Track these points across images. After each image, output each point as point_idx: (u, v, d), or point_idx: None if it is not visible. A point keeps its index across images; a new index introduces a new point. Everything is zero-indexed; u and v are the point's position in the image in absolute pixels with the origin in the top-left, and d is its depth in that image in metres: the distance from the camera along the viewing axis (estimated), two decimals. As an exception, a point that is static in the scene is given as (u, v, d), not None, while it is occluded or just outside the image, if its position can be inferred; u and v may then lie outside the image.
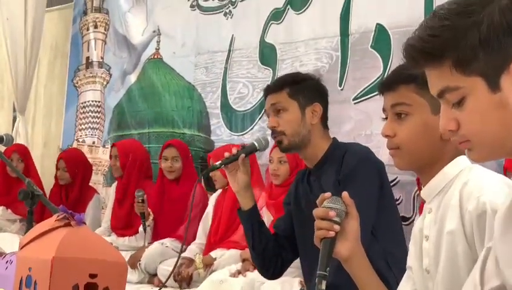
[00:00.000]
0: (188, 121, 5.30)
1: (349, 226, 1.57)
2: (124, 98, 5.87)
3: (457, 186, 1.51)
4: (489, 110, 1.10)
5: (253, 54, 4.79)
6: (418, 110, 1.59)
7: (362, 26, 4.06)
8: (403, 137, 1.59)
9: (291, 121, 2.42)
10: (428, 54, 1.14)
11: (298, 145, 2.44)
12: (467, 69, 1.10)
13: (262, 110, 4.68)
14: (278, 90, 2.47)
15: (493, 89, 1.10)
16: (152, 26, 5.62)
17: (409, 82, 1.60)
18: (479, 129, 1.12)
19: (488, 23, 1.07)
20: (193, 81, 5.28)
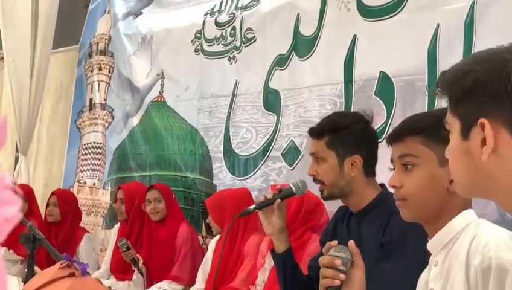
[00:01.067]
0: (190, 165, 5.29)
1: (355, 276, 1.57)
2: (126, 140, 5.88)
3: (464, 240, 1.50)
4: (458, 154, 1.19)
5: (257, 99, 4.80)
6: (425, 162, 1.60)
7: (366, 74, 4.08)
8: (410, 188, 1.60)
9: (329, 172, 2.36)
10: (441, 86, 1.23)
11: (338, 195, 2.38)
12: (453, 110, 1.19)
13: (265, 155, 4.69)
14: (318, 138, 2.41)
15: (464, 136, 1.17)
16: (156, 69, 5.66)
17: (416, 134, 1.61)
18: (451, 167, 1.22)
19: (475, 76, 1.14)
20: (196, 125, 5.29)
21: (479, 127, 1.13)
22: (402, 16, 3.90)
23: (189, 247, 4.45)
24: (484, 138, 1.12)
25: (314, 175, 2.39)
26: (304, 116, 4.45)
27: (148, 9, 5.84)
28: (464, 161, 1.17)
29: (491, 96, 1.11)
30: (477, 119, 1.13)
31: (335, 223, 2.50)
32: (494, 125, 1.11)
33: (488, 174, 1.14)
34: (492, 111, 1.12)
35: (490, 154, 1.12)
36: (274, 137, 4.65)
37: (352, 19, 4.17)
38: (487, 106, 1.12)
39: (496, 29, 3.46)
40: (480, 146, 1.13)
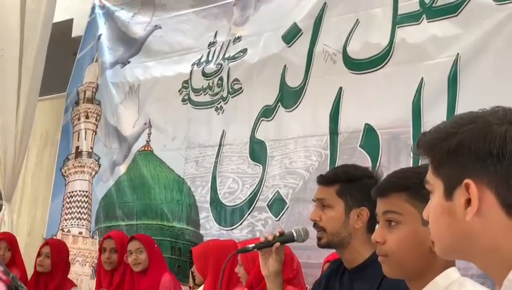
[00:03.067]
0: (177, 214, 5.26)
1: None
2: (113, 189, 5.84)
3: None
4: (440, 214, 1.18)
5: (244, 150, 4.80)
6: (408, 220, 1.59)
7: (351, 126, 4.10)
8: (392, 245, 1.60)
9: (334, 220, 2.33)
10: (421, 146, 1.23)
11: (336, 245, 2.34)
12: (436, 170, 1.19)
13: (251, 205, 4.67)
14: (328, 185, 2.38)
15: (447, 197, 1.17)
16: (143, 118, 5.66)
17: (400, 191, 1.61)
18: (432, 226, 1.21)
19: (460, 138, 1.15)
20: (183, 174, 5.28)
21: (464, 188, 1.13)
22: (387, 70, 3.94)
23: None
24: (468, 199, 1.13)
25: (316, 221, 2.35)
26: (289, 167, 4.45)
27: (135, 58, 5.87)
28: (446, 220, 1.16)
29: (476, 157, 1.12)
30: (462, 179, 1.13)
31: (328, 276, 2.45)
32: (479, 186, 1.12)
33: (469, 235, 1.14)
34: (477, 172, 1.12)
35: (474, 215, 1.12)
36: (260, 188, 4.64)
37: (338, 71, 4.21)
38: (472, 167, 1.13)
39: (480, 84, 3.50)
40: (464, 206, 1.13)
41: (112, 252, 4.70)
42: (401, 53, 3.88)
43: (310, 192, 4.26)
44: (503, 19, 3.47)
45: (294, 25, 4.56)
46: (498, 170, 1.11)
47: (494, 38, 3.47)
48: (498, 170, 1.11)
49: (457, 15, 3.66)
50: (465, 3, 3.62)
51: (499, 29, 3.47)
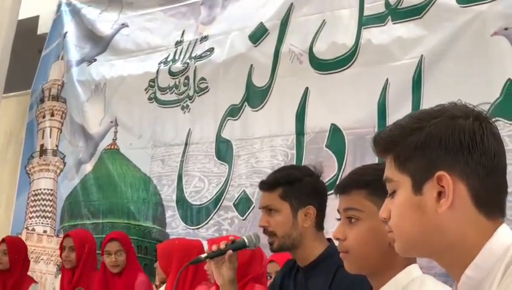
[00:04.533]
0: (143, 213, 5.24)
1: None
2: (79, 187, 5.80)
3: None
4: (408, 209, 1.18)
5: (210, 149, 4.80)
6: (368, 217, 1.60)
7: (317, 126, 4.12)
8: (352, 242, 1.60)
9: (282, 223, 2.33)
10: (380, 144, 1.23)
11: (288, 247, 2.34)
12: (402, 166, 1.19)
13: (217, 204, 4.67)
14: (271, 190, 2.38)
15: (416, 191, 1.17)
16: (109, 117, 5.63)
17: (361, 188, 1.62)
18: (398, 224, 1.21)
19: (428, 131, 1.16)
20: (149, 173, 5.26)
21: (435, 181, 1.14)
22: (353, 70, 3.97)
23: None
24: (440, 191, 1.14)
25: (265, 226, 2.35)
26: (255, 166, 4.46)
27: (102, 56, 5.83)
28: (415, 215, 1.17)
29: (447, 150, 1.14)
30: (432, 173, 1.14)
31: (282, 277, 2.46)
32: (451, 178, 1.13)
33: (438, 228, 1.15)
34: (448, 165, 1.14)
35: (446, 208, 1.14)
36: (226, 187, 4.64)
37: (304, 71, 4.23)
38: (442, 160, 1.14)
39: (444, 85, 3.55)
40: (436, 200, 1.14)
41: (70, 251, 4.66)
42: (367, 54, 3.91)
43: (276, 191, 4.28)
44: (466, 21, 3.51)
45: (261, 25, 4.57)
46: (469, 162, 1.14)
47: (457, 40, 3.52)
48: (469, 162, 1.14)
49: (421, 17, 3.70)
50: (430, 5, 3.67)
51: (462, 31, 3.51)
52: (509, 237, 1.14)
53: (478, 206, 1.14)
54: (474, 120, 1.16)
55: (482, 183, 1.14)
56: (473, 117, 1.17)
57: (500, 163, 1.16)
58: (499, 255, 1.11)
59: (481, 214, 1.14)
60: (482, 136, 1.15)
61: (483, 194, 1.14)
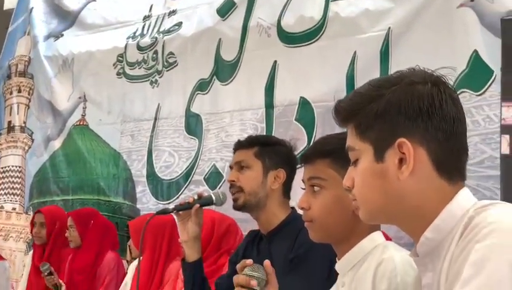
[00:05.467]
0: (113, 189, 5.23)
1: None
2: (47, 164, 5.77)
3: (371, 263, 1.53)
4: (370, 177, 1.20)
5: (179, 124, 4.80)
6: (331, 185, 1.61)
7: (286, 99, 4.13)
8: (316, 211, 1.62)
9: (252, 180, 2.37)
10: (341, 113, 1.24)
11: (253, 206, 2.37)
12: (363, 135, 1.20)
13: (188, 179, 4.68)
14: (247, 148, 2.43)
15: (378, 159, 1.19)
16: (78, 92, 5.59)
17: (324, 157, 1.63)
18: (361, 191, 1.22)
19: (387, 99, 1.17)
20: (119, 148, 5.24)
21: (396, 148, 1.16)
22: (321, 43, 3.97)
23: (113, 275, 4.37)
24: (401, 158, 1.16)
25: (233, 181, 2.39)
26: (225, 140, 4.46)
27: (69, 31, 5.77)
28: (377, 182, 1.19)
29: (406, 117, 1.15)
30: (393, 140, 1.16)
31: (245, 247, 2.49)
32: (412, 144, 1.15)
33: (400, 195, 1.17)
34: (408, 131, 1.15)
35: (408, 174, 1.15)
36: (196, 161, 4.64)
37: (272, 44, 4.22)
38: (403, 126, 1.15)
39: (411, 57, 3.56)
40: (397, 166, 1.16)
41: (41, 227, 4.66)
42: (335, 27, 3.91)
43: (246, 165, 4.30)
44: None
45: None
46: (429, 127, 1.15)
47: (424, 12, 3.53)
48: (429, 127, 1.15)
49: (388, -11, 3.71)
50: (397, -22, 3.68)
51: (428, 3, 3.53)
52: (469, 200, 1.16)
53: (439, 171, 1.16)
54: (432, 85, 1.17)
55: (442, 148, 1.16)
56: (432, 82, 1.18)
57: (459, 127, 1.18)
58: (459, 218, 1.13)
59: (442, 179, 1.16)
60: (440, 101, 1.16)
61: (443, 158, 1.16)
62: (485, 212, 1.08)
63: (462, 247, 1.06)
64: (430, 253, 1.16)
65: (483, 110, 3.15)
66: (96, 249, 4.48)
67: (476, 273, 1.00)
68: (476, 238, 1.03)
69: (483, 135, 3.16)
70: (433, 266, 1.16)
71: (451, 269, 1.08)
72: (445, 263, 1.11)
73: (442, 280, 1.11)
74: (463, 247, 1.06)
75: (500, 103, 2.92)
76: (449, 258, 1.10)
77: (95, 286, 4.40)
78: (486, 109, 3.15)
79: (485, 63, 3.20)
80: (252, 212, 2.41)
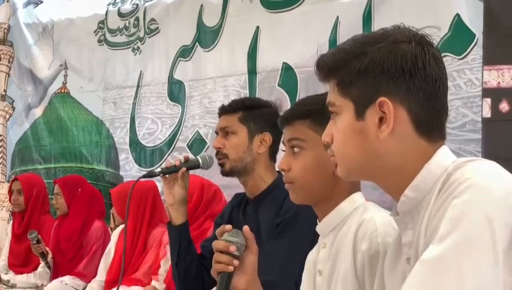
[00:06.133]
0: (96, 157, 5.22)
1: (248, 260, 1.55)
2: (29, 132, 5.74)
3: (351, 224, 1.53)
4: (350, 134, 1.20)
5: (162, 90, 4.78)
6: (311, 146, 1.61)
7: (269, 65, 4.12)
8: (297, 172, 1.61)
9: (237, 146, 2.35)
10: (324, 68, 1.24)
11: (240, 171, 2.36)
12: (344, 91, 1.20)
13: (171, 146, 4.68)
14: (231, 113, 2.40)
15: (358, 116, 1.18)
16: (59, 60, 5.54)
17: (304, 118, 1.62)
18: (340, 148, 1.22)
19: (371, 57, 1.17)
20: (101, 116, 5.22)
21: (377, 106, 1.15)
22: (303, 8, 3.96)
23: (100, 244, 4.38)
24: (381, 117, 1.15)
25: (219, 148, 2.37)
26: (208, 106, 4.46)
27: (48, -2, 5.70)
28: (357, 141, 1.18)
29: (389, 76, 1.15)
30: (374, 98, 1.15)
31: (231, 210, 2.49)
32: (393, 104, 1.15)
33: (379, 154, 1.17)
34: (389, 90, 1.15)
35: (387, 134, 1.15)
36: (179, 128, 4.64)
37: (255, 10, 4.19)
38: (385, 85, 1.15)
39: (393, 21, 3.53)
40: (377, 125, 1.16)
41: (18, 194, 4.66)
42: (317, -9, 3.90)
43: (229, 131, 4.30)
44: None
45: (210, -36, 4.51)
46: (410, 87, 1.15)
47: (406, -24, 3.52)
48: (410, 87, 1.15)
49: (370, -48, 3.69)
50: None
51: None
52: (448, 158, 1.16)
53: (419, 130, 1.16)
54: (416, 44, 1.17)
55: (423, 108, 1.16)
56: (416, 41, 1.17)
57: (441, 87, 1.18)
58: (438, 176, 1.13)
59: (422, 138, 1.16)
60: (424, 61, 1.16)
61: (424, 118, 1.16)
62: (463, 168, 1.08)
63: (440, 203, 1.06)
64: (410, 211, 1.17)
65: (465, 74, 3.17)
66: (83, 217, 4.47)
67: (452, 229, 1.00)
68: (454, 194, 1.04)
69: (465, 98, 3.17)
70: (413, 224, 1.17)
71: (429, 225, 1.08)
72: (424, 220, 1.11)
73: (421, 237, 1.11)
74: (440, 203, 1.06)
75: (482, 66, 2.92)
76: (428, 215, 1.10)
77: (81, 254, 4.41)
78: (468, 73, 3.16)
79: (467, 26, 3.21)
80: (239, 177, 2.40)
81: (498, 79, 2.87)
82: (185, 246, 2.38)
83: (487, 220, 0.99)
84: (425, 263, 1.01)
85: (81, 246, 4.42)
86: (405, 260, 1.19)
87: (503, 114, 2.82)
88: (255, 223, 2.27)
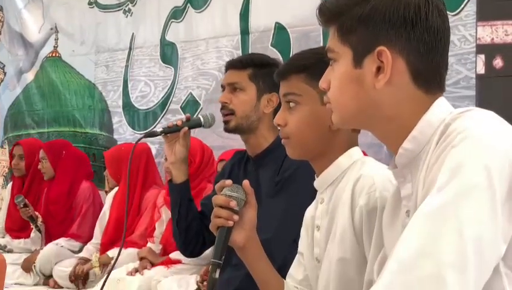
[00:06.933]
0: (89, 120, 5.22)
1: (247, 215, 1.54)
2: (21, 97, 5.72)
3: (349, 179, 1.52)
4: (347, 81, 1.18)
5: (154, 52, 4.76)
6: (307, 100, 1.59)
7: (262, 25, 4.10)
8: (292, 127, 1.59)
9: (245, 103, 2.30)
10: (325, 13, 1.21)
11: (244, 129, 2.32)
12: (344, 38, 1.18)
13: (164, 108, 4.67)
14: (240, 68, 2.34)
15: (356, 64, 1.17)
16: (49, 23, 5.49)
17: (299, 72, 1.60)
18: (335, 95, 1.21)
19: (373, 4, 1.14)
20: (94, 79, 5.20)
21: (375, 55, 1.14)
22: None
23: (89, 204, 4.43)
24: (379, 66, 1.14)
25: (226, 103, 2.32)
26: (201, 68, 4.45)
27: (37, -40, 5.62)
28: (353, 89, 1.17)
29: (390, 24, 1.13)
30: (373, 47, 1.14)
31: (231, 168, 2.46)
32: (392, 54, 1.13)
33: (375, 104, 1.16)
34: (389, 40, 1.13)
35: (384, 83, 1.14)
36: (172, 90, 4.63)
37: (246, -32, 4.16)
38: (385, 34, 1.13)
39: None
40: (375, 74, 1.14)
41: (20, 159, 4.66)
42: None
43: (223, 92, 4.29)
44: None
45: None
46: (411, 37, 1.13)
47: None
48: (411, 37, 1.13)
49: None
50: None
51: None
52: (445, 109, 1.15)
53: (416, 82, 1.15)
54: None
55: (422, 60, 1.14)
56: None
57: (442, 40, 1.16)
58: (436, 127, 1.12)
59: (419, 90, 1.15)
60: (426, 12, 1.14)
61: (422, 70, 1.15)
62: (461, 118, 1.08)
63: (438, 154, 1.06)
64: (408, 164, 1.16)
65: (459, 31, 3.16)
66: (70, 179, 4.50)
67: (451, 178, 1.00)
68: (452, 144, 1.03)
69: (459, 55, 3.17)
70: (412, 176, 1.16)
71: (427, 176, 1.08)
72: (423, 171, 1.10)
73: (419, 189, 1.11)
74: (438, 154, 1.05)
75: (476, 22, 2.91)
76: (426, 166, 1.09)
77: (71, 216, 4.44)
78: (462, 29, 3.15)
79: (461, -18, 3.18)
80: (242, 135, 2.37)
81: (492, 35, 2.87)
82: (185, 204, 2.37)
83: (485, 169, 0.98)
84: (423, 213, 1.00)
85: (70, 208, 4.46)
86: (404, 213, 1.18)
87: (497, 70, 2.83)
88: (255, 181, 2.26)
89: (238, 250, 1.56)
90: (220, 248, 1.48)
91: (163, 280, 3.40)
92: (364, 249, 1.43)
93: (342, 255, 1.47)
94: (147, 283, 3.48)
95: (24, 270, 4.20)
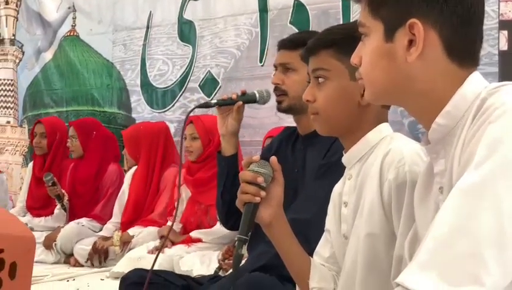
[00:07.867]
0: (108, 99, 5.23)
1: (274, 192, 1.53)
2: (40, 76, 5.73)
3: (378, 154, 1.50)
4: (378, 56, 1.16)
5: (172, 31, 4.74)
6: (336, 76, 1.57)
7: (280, 3, 4.07)
8: (321, 102, 1.57)
9: (297, 84, 2.27)
10: None
11: (297, 109, 2.30)
12: (375, 12, 1.16)
13: (183, 87, 4.67)
14: (292, 49, 2.31)
15: (387, 38, 1.15)
16: (67, 2, 5.49)
17: (328, 47, 1.58)
18: (368, 71, 1.19)
19: None
20: (111, 58, 5.20)
21: (407, 28, 1.11)
22: None
23: (115, 188, 4.41)
24: (411, 40, 1.12)
25: (279, 84, 2.32)
26: (220, 46, 4.43)
27: None
28: (385, 63, 1.15)
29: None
30: (405, 20, 1.11)
31: (279, 143, 2.44)
32: (424, 26, 1.11)
33: (407, 78, 1.14)
34: (421, 12, 1.11)
35: (416, 57, 1.11)
36: (191, 68, 4.62)
37: None
38: (417, 6, 1.11)
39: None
40: (407, 48, 1.12)
41: (42, 137, 4.68)
42: None
43: (241, 70, 4.28)
44: None
45: None
46: (444, 9, 1.11)
47: None
48: (444, 9, 1.11)
49: None
50: None
51: None
52: (480, 83, 1.13)
53: (450, 55, 1.12)
54: None
55: (455, 33, 1.12)
56: None
57: (476, 13, 1.13)
58: (471, 101, 1.10)
59: (453, 64, 1.13)
60: None
61: (456, 44, 1.12)
62: (498, 93, 1.05)
63: (475, 129, 1.03)
64: (442, 139, 1.14)
65: (482, 7, 3.12)
66: (98, 161, 4.50)
67: (489, 154, 0.98)
68: (489, 120, 1.01)
69: (482, 31, 3.13)
70: (446, 152, 1.14)
71: (463, 152, 1.05)
72: (458, 147, 1.08)
73: (454, 165, 1.08)
74: (476, 129, 1.03)
75: (499, -2, 2.88)
76: (461, 142, 1.07)
77: (97, 197, 4.45)
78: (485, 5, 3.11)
79: (484, -43, 3.14)
80: (295, 114, 2.36)
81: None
82: (232, 177, 2.36)
83: None
84: (461, 190, 0.98)
85: (97, 189, 4.46)
86: (437, 189, 1.16)
87: (521, 46, 2.79)
88: (302, 160, 2.26)
89: (264, 227, 1.55)
90: (246, 224, 1.48)
91: (186, 255, 3.42)
92: (393, 224, 1.42)
93: (370, 230, 1.46)
94: (168, 261, 3.49)
95: (45, 248, 4.22)
